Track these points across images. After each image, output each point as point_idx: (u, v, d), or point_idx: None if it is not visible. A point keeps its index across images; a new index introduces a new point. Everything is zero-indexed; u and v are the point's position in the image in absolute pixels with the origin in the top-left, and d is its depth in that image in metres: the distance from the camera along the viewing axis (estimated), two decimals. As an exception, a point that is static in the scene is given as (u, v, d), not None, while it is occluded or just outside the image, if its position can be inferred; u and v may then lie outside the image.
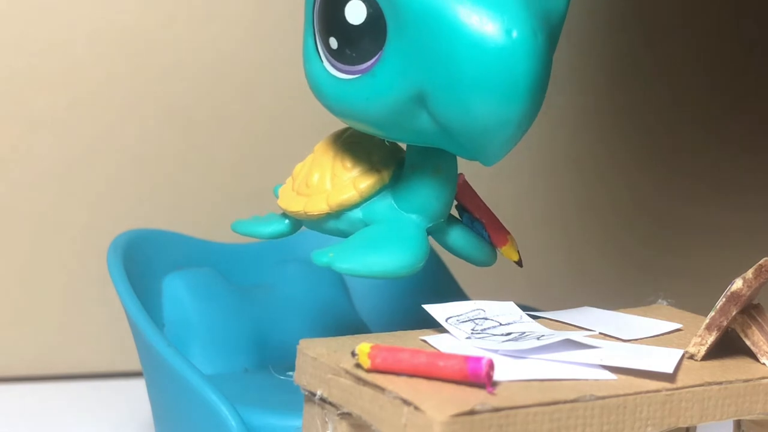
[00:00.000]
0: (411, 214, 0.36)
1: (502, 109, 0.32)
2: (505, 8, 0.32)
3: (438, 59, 0.32)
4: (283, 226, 0.40)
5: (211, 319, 0.45)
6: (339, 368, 0.31)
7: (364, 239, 0.36)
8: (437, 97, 0.33)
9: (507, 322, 0.34)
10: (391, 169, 0.37)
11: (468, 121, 0.32)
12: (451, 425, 0.27)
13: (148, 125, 0.56)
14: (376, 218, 0.37)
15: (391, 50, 0.33)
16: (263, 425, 0.37)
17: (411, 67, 0.33)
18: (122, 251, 0.43)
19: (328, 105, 0.36)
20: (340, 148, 0.38)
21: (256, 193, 0.58)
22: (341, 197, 0.37)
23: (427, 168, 0.36)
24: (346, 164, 0.37)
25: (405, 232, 0.35)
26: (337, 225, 0.37)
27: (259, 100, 0.57)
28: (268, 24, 0.57)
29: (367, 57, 0.34)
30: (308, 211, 0.37)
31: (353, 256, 0.35)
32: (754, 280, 0.33)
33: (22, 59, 0.55)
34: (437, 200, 0.36)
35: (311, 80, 0.36)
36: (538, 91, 0.32)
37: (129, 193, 0.56)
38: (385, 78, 0.34)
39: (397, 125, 0.35)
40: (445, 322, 0.33)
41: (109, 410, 0.52)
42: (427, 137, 0.35)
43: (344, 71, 0.35)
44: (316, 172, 0.38)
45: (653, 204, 0.65)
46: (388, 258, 0.35)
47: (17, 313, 0.56)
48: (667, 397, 0.31)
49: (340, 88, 0.35)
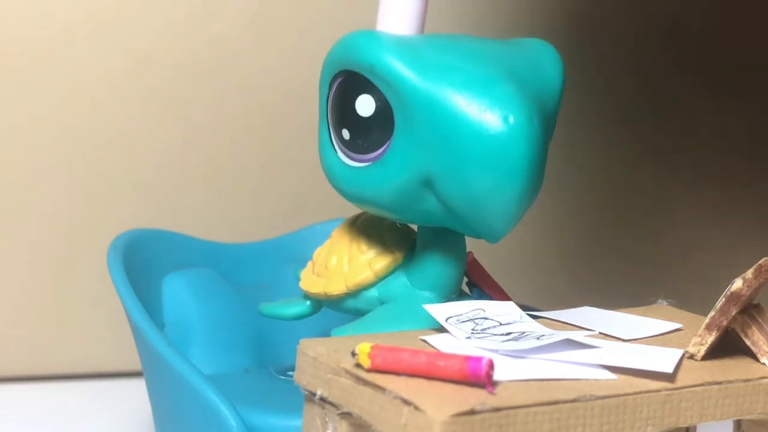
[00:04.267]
0: (424, 291, 0.38)
1: (502, 189, 0.34)
2: (502, 98, 0.34)
3: (442, 146, 0.34)
4: (305, 307, 0.42)
5: (211, 319, 0.45)
6: (339, 368, 0.31)
7: (380, 316, 0.38)
8: (443, 180, 0.35)
9: (507, 322, 0.34)
10: (404, 250, 0.39)
11: (472, 201, 0.35)
12: (451, 425, 0.27)
13: (149, 125, 0.56)
14: (391, 296, 0.39)
15: (398, 139, 0.36)
16: (263, 425, 0.37)
17: (418, 154, 0.35)
18: (122, 251, 0.43)
19: (343, 191, 0.38)
20: (356, 232, 0.40)
21: (257, 193, 0.58)
22: (358, 278, 0.39)
23: (438, 247, 0.38)
24: (361, 247, 0.39)
25: (418, 308, 0.37)
26: (355, 304, 0.39)
27: (259, 100, 0.58)
28: (269, 24, 0.57)
29: (377, 146, 0.36)
30: (328, 292, 0.39)
31: (371, 332, 0.36)
32: (754, 280, 0.33)
33: (22, 59, 0.55)
34: (448, 277, 0.38)
35: (326, 169, 0.38)
36: (536, 171, 0.35)
37: (129, 193, 0.57)
38: (394, 165, 0.36)
39: (406, 208, 0.37)
40: (445, 322, 0.33)
41: (109, 410, 0.52)
42: (435, 218, 0.37)
43: (356, 159, 0.37)
44: (334, 256, 0.40)
45: (653, 204, 0.65)
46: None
47: (17, 313, 0.56)
48: (667, 396, 0.31)
49: (353, 175, 0.37)
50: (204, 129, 0.57)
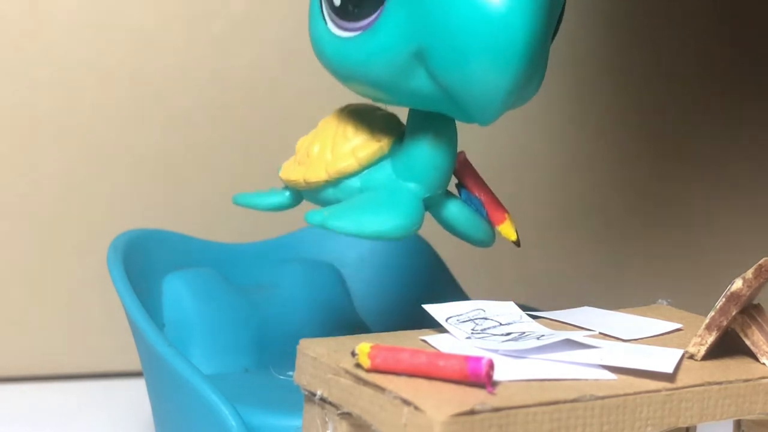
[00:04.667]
0: (409, 183, 0.36)
1: (497, 70, 0.32)
2: None
3: (437, 17, 0.32)
4: (283, 198, 0.40)
5: (211, 319, 0.45)
6: (339, 368, 0.31)
7: (359, 201, 0.36)
8: (435, 54, 0.33)
9: (507, 322, 0.34)
10: (392, 139, 0.37)
11: (464, 80, 0.32)
12: (451, 425, 0.27)
13: (149, 125, 0.56)
14: (374, 187, 0.37)
15: (391, 6, 0.34)
16: (263, 425, 0.37)
17: (411, 24, 0.33)
18: (122, 251, 0.43)
19: (330, 66, 0.36)
20: (343, 120, 0.38)
21: (257, 193, 0.58)
22: (340, 165, 0.37)
23: (427, 136, 0.36)
24: (347, 134, 0.37)
25: (401, 197, 0.35)
26: (335, 194, 0.37)
27: (259, 100, 0.57)
28: (269, 24, 0.57)
29: (368, 13, 0.34)
30: (307, 179, 0.37)
31: (347, 215, 0.35)
32: (754, 280, 0.33)
33: (23, 60, 0.55)
34: (435, 169, 0.36)
35: (315, 42, 0.36)
36: (535, 52, 0.32)
37: (129, 193, 0.56)
38: (385, 34, 0.34)
39: (396, 85, 0.35)
40: (445, 322, 0.33)
41: (109, 410, 0.52)
42: (425, 98, 0.35)
43: (346, 29, 0.35)
44: (317, 143, 0.38)
45: (653, 204, 0.65)
46: (381, 218, 0.35)
47: (17, 313, 0.56)
48: (667, 396, 0.31)
49: (342, 47, 0.35)
50: (204, 129, 0.57)
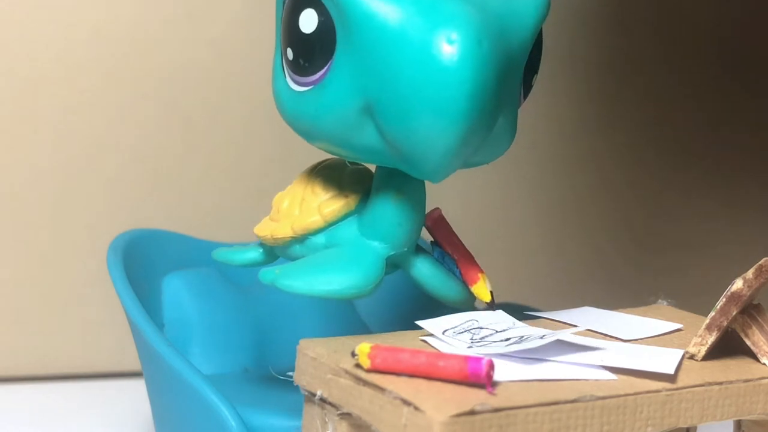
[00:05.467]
0: (372, 241, 0.35)
1: (442, 122, 0.31)
2: (446, 15, 0.30)
3: (380, 68, 0.32)
4: (257, 254, 0.40)
5: (211, 319, 0.45)
6: (339, 368, 0.31)
7: (314, 259, 0.36)
8: (381, 108, 0.32)
9: (503, 329, 0.34)
10: (359, 196, 0.36)
11: (410, 134, 0.31)
12: (451, 425, 0.27)
13: (148, 125, 0.56)
14: (338, 244, 0.36)
15: (339, 60, 0.33)
16: (263, 425, 0.37)
17: (358, 77, 0.33)
18: (122, 251, 0.43)
19: (288, 119, 0.36)
20: (314, 176, 0.38)
21: (256, 193, 0.58)
22: (305, 221, 0.36)
23: (390, 192, 0.35)
24: (316, 190, 0.37)
25: (360, 255, 0.35)
26: (301, 250, 0.37)
27: (259, 100, 0.57)
28: (269, 23, 0.57)
29: (318, 67, 0.34)
30: (275, 236, 0.37)
31: (298, 274, 0.35)
32: (755, 280, 0.33)
33: (22, 59, 0.55)
34: (399, 227, 0.35)
35: (275, 95, 0.36)
36: (485, 105, 0.31)
37: (129, 193, 0.56)
38: (333, 89, 0.33)
39: (347, 140, 0.34)
40: (442, 335, 0.33)
41: (109, 410, 0.52)
42: (378, 154, 0.34)
43: (300, 83, 0.35)
44: (287, 199, 0.38)
45: (653, 204, 0.65)
46: (333, 278, 0.34)
47: (17, 313, 0.56)
48: (668, 397, 0.31)
49: (296, 101, 0.35)
50: (204, 129, 0.57)
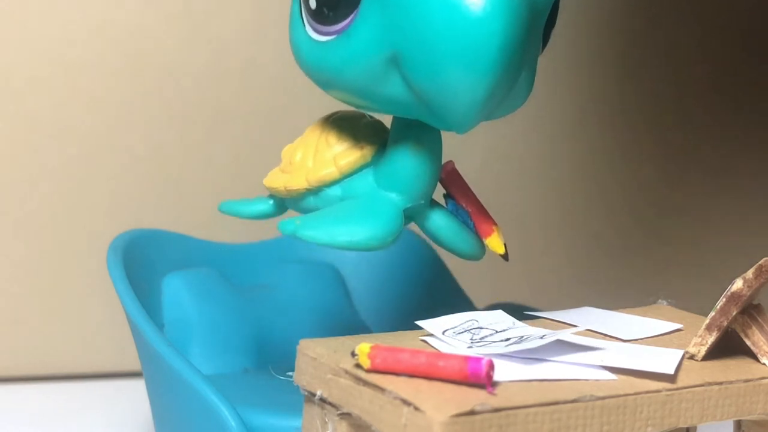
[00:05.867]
0: (390, 193, 0.35)
1: (471, 77, 0.31)
2: None
3: (410, 19, 0.32)
4: (267, 206, 0.40)
5: (211, 319, 0.45)
6: (339, 368, 0.31)
7: (334, 210, 0.35)
8: (409, 59, 0.32)
9: (503, 329, 0.34)
10: (374, 147, 0.36)
11: (438, 85, 0.32)
12: (451, 425, 0.27)
13: (148, 125, 0.56)
14: (355, 196, 0.36)
15: (366, 10, 0.33)
16: (263, 425, 0.37)
17: (385, 28, 0.32)
18: (122, 251, 0.43)
19: (308, 70, 0.35)
20: (327, 127, 0.37)
21: (256, 193, 0.58)
22: (320, 173, 0.36)
23: (409, 144, 0.35)
24: (329, 141, 0.36)
25: (378, 207, 0.35)
26: (316, 202, 0.36)
27: (259, 99, 0.57)
28: (268, 23, 0.57)
29: (343, 17, 0.33)
30: (288, 187, 0.37)
31: (320, 224, 0.34)
32: (755, 280, 0.33)
33: (22, 59, 0.55)
34: (417, 179, 0.35)
35: (293, 46, 0.36)
36: (513, 58, 0.31)
37: (129, 193, 0.56)
38: (359, 38, 0.33)
39: (371, 91, 0.34)
40: (442, 335, 0.33)
41: (109, 410, 0.52)
42: (402, 105, 0.34)
43: (322, 32, 0.34)
44: (299, 150, 0.37)
45: (654, 204, 0.65)
46: (355, 229, 0.34)
47: (17, 313, 0.56)
48: (668, 397, 0.31)
49: (318, 51, 0.34)
50: (204, 128, 0.57)
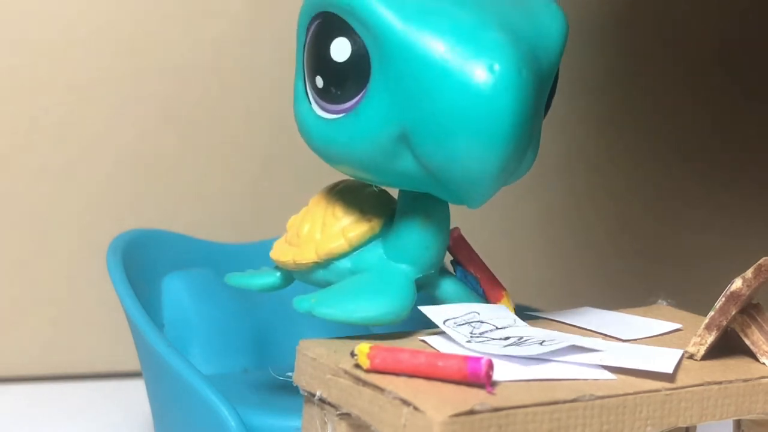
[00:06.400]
0: (400, 264, 0.35)
1: (483, 149, 0.31)
2: (488, 45, 0.31)
3: (419, 97, 0.32)
4: (275, 279, 0.39)
5: (211, 319, 0.45)
6: (338, 369, 0.31)
7: (348, 286, 0.35)
8: (419, 136, 0.32)
9: (503, 326, 0.34)
10: (382, 219, 0.36)
11: (450, 162, 0.32)
12: (450, 425, 0.27)
13: (148, 125, 0.56)
14: (364, 268, 0.36)
15: (374, 88, 0.33)
16: (263, 425, 0.37)
17: (394, 106, 0.32)
18: (122, 251, 0.43)
19: (315, 147, 0.35)
20: (333, 199, 0.37)
21: (256, 193, 0.58)
22: (330, 246, 0.36)
23: (418, 216, 0.35)
24: (337, 214, 0.37)
25: (391, 280, 0.35)
26: (325, 275, 0.36)
27: (259, 99, 0.57)
28: (268, 23, 0.57)
29: (351, 95, 0.33)
30: (297, 261, 0.37)
31: (335, 302, 0.34)
32: (754, 279, 0.33)
33: (21, 59, 0.55)
34: (427, 249, 0.35)
35: (299, 122, 0.36)
36: (524, 132, 0.31)
37: (129, 193, 0.57)
38: (368, 117, 0.33)
39: (381, 167, 0.34)
40: (443, 324, 0.33)
41: (109, 410, 0.52)
42: (412, 180, 0.34)
43: (329, 111, 0.34)
44: (307, 223, 0.37)
45: (653, 204, 0.65)
46: (370, 304, 0.34)
47: (17, 313, 0.56)
48: (667, 396, 0.31)
49: (325, 128, 0.34)
50: (204, 129, 0.57)
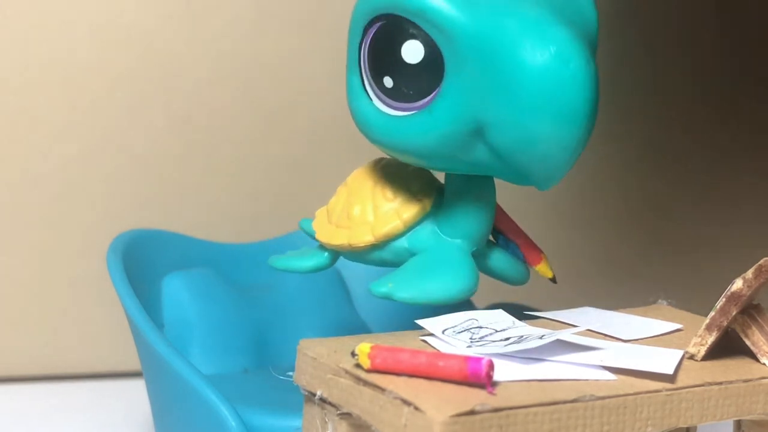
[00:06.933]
0: (455, 240, 0.37)
1: (563, 134, 0.33)
2: (559, 41, 0.33)
3: (498, 91, 0.33)
4: (323, 259, 0.40)
5: (211, 319, 0.45)
6: (339, 368, 0.31)
7: (418, 268, 0.37)
8: (498, 127, 0.34)
9: (502, 329, 0.34)
10: (432, 198, 0.38)
11: (529, 148, 0.34)
12: (451, 425, 0.27)
13: (148, 125, 0.56)
14: (420, 246, 0.37)
15: (449, 86, 0.34)
16: (263, 425, 0.37)
17: (469, 101, 0.34)
18: (122, 251, 0.43)
19: (378, 140, 0.36)
20: (379, 178, 0.38)
21: (256, 193, 0.58)
22: (386, 228, 0.37)
23: (470, 194, 0.37)
24: (387, 194, 0.38)
25: (454, 258, 0.36)
26: (381, 255, 0.38)
27: (259, 100, 0.57)
28: (269, 23, 0.57)
29: (424, 94, 0.35)
30: (353, 243, 0.38)
31: (412, 285, 0.36)
32: (754, 280, 0.33)
33: (23, 59, 0.55)
34: (479, 225, 0.37)
35: (359, 117, 0.36)
36: (594, 115, 0.34)
37: (129, 193, 0.56)
38: (442, 113, 0.34)
39: (453, 157, 0.35)
40: (442, 334, 0.33)
41: (109, 410, 0.52)
42: (482, 167, 0.36)
43: (398, 108, 0.35)
44: (356, 205, 0.38)
45: (653, 204, 0.65)
46: (445, 284, 0.36)
47: (17, 313, 0.56)
48: (668, 397, 0.31)
49: (392, 124, 0.35)
50: (204, 128, 0.57)
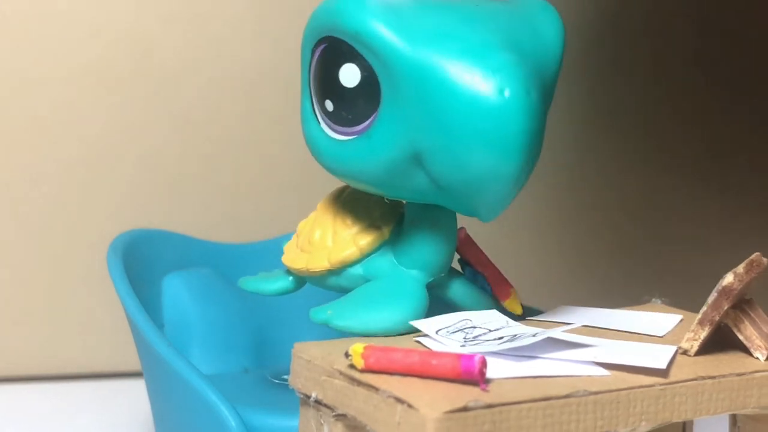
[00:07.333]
0: (411, 270, 0.36)
1: (497, 166, 0.32)
2: (498, 67, 0.32)
3: (432, 119, 0.32)
4: (288, 282, 0.40)
5: (210, 319, 0.45)
6: (333, 370, 0.31)
7: (362, 296, 0.36)
8: (433, 156, 0.33)
9: (496, 328, 0.34)
10: (391, 226, 0.37)
11: (464, 179, 0.33)
12: (444, 422, 0.28)
13: (148, 125, 0.56)
14: (376, 274, 0.37)
15: (385, 111, 0.34)
16: (263, 425, 0.37)
17: (406, 128, 0.33)
18: (122, 251, 0.43)
19: (326, 165, 0.36)
20: (341, 206, 0.38)
21: (256, 193, 0.58)
22: (342, 254, 0.37)
23: (426, 223, 0.36)
24: (346, 221, 0.37)
25: (404, 288, 0.36)
26: (338, 281, 0.37)
27: (259, 100, 0.58)
28: (270, 24, 0.57)
29: (362, 118, 0.34)
30: (310, 268, 0.37)
31: (351, 313, 0.35)
32: (746, 274, 0.33)
33: (22, 59, 0.55)
34: (437, 255, 0.36)
35: (309, 141, 0.36)
36: (533, 147, 0.32)
37: (129, 193, 0.57)
38: (380, 139, 0.34)
39: (394, 184, 0.35)
40: (436, 335, 0.33)
41: (109, 410, 0.52)
42: (425, 195, 0.35)
43: (340, 132, 0.35)
44: (317, 230, 0.38)
45: (650, 204, 0.65)
46: (385, 315, 0.35)
47: (17, 313, 0.56)
48: (661, 392, 0.31)
49: (336, 149, 0.35)
50: (204, 128, 0.57)
